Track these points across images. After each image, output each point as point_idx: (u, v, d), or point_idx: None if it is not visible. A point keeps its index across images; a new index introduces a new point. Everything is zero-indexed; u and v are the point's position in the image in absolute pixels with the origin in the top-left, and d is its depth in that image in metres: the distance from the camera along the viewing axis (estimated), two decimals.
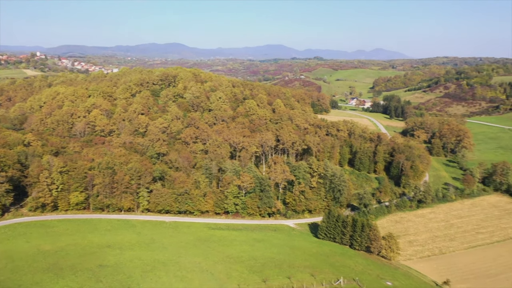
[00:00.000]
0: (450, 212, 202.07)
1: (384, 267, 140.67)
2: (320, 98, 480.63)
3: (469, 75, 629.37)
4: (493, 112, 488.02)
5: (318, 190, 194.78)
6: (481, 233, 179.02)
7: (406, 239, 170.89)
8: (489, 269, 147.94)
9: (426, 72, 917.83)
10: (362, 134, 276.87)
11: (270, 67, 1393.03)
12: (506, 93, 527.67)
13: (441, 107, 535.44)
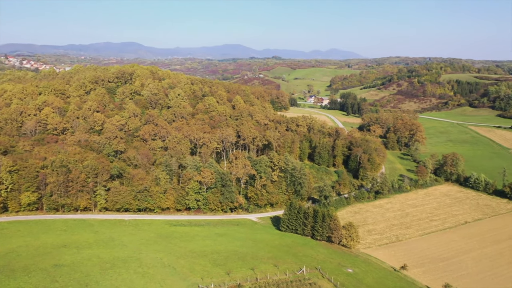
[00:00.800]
0: (405, 202, 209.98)
1: (345, 256, 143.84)
2: (280, 95, 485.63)
3: (420, 73, 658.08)
4: (443, 108, 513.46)
5: (279, 184, 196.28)
6: (435, 220, 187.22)
7: (365, 228, 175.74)
8: (442, 253, 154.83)
9: (380, 71, 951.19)
10: (321, 129, 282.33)
11: (229, 66, 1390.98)
12: (453, 89, 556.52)
13: (395, 104, 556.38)
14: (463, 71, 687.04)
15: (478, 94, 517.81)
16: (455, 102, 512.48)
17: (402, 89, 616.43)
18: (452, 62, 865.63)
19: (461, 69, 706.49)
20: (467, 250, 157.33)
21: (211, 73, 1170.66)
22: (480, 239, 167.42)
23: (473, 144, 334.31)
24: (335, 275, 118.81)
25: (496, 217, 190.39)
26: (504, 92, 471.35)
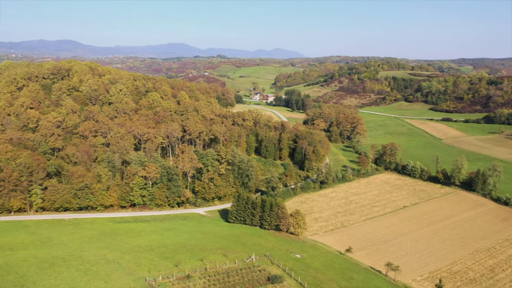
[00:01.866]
0: (349, 190, 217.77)
1: (293, 242, 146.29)
2: (225, 92, 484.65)
3: (359, 70, 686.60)
4: (381, 102, 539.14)
5: (227, 177, 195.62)
6: (376, 206, 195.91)
7: (312, 216, 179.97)
8: (384, 236, 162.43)
9: (322, 69, 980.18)
10: (267, 123, 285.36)
11: (173, 65, 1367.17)
12: (390, 86, 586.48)
13: (337, 100, 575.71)
14: (399, 68, 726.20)
15: (413, 90, 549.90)
16: (392, 97, 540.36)
17: (343, 85, 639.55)
18: (389, 61, 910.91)
19: (396, 66, 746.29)
20: (406, 232, 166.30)
21: (155, 71, 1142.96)
22: (417, 221, 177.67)
23: (409, 136, 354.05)
24: (283, 261, 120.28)
25: (431, 201, 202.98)
26: (435, 87, 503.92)
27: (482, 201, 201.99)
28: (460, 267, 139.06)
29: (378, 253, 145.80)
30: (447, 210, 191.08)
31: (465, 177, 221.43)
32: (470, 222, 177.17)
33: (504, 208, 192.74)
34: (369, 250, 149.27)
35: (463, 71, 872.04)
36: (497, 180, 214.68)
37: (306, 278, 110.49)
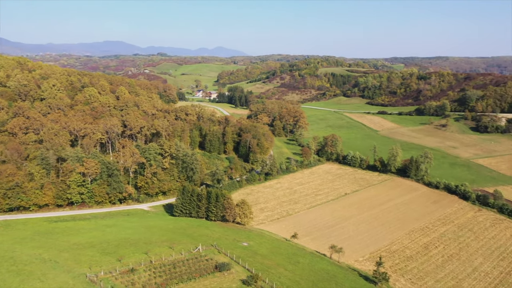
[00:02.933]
0: (293, 181, 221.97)
1: (240, 232, 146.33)
2: (167, 89, 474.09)
3: (300, 67, 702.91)
4: (321, 98, 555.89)
5: (171, 171, 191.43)
6: (319, 194, 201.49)
7: (258, 207, 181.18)
8: (328, 222, 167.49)
9: (264, 66, 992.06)
10: (211, 117, 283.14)
11: (111, 62, 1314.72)
12: (329, 82, 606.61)
13: (279, 96, 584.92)
14: (337, 65, 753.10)
15: (350, 85, 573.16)
16: (332, 93, 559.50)
17: (285, 82, 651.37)
18: (327, 58, 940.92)
19: (335, 64, 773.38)
20: (348, 217, 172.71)
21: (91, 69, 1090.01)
22: (358, 206, 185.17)
23: (348, 128, 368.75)
24: (231, 249, 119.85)
25: (370, 188, 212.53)
26: (371, 82, 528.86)
27: (415, 186, 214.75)
28: (398, 247, 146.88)
29: (323, 238, 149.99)
30: (385, 195, 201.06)
31: (400, 165, 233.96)
32: (406, 205, 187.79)
33: (435, 191, 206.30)
34: (314, 235, 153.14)
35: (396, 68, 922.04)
36: (428, 166, 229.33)
37: (253, 264, 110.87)
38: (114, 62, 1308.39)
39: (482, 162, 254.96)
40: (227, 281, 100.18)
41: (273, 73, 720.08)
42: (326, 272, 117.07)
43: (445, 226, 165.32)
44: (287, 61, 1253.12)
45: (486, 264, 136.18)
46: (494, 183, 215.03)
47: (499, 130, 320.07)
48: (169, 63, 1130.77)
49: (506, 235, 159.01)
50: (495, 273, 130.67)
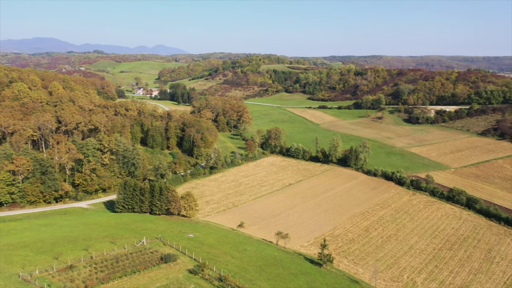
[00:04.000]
0: (238, 174, 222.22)
1: (186, 224, 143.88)
2: (105, 85, 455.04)
3: (242, 64, 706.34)
4: (264, 94, 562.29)
5: (111, 167, 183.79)
6: (264, 186, 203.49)
7: (203, 200, 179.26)
8: (273, 211, 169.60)
9: (207, 64, 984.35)
10: (153, 112, 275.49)
11: (42, 60, 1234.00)
12: (272, 78, 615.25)
13: (222, 92, 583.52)
14: (279, 62, 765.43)
15: (292, 81, 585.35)
16: (274, 89, 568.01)
17: (228, 78, 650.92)
18: (269, 56, 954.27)
19: (276, 61, 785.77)
20: (293, 206, 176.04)
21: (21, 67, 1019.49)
22: (302, 196, 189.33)
23: (291, 123, 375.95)
24: (176, 241, 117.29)
25: (313, 177, 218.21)
26: (311, 78, 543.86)
27: (355, 174, 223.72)
28: (340, 231, 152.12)
29: (269, 227, 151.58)
30: (327, 184, 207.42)
31: (340, 155, 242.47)
32: (347, 193, 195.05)
33: (374, 179, 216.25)
34: (260, 224, 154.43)
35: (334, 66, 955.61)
36: (367, 155, 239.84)
37: (200, 254, 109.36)
38: (46, 60, 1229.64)
39: (414, 150, 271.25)
40: (173, 271, 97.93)
41: (216, 70, 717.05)
42: (273, 257, 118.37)
43: (383, 210, 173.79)
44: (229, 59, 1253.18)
45: (421, 242, 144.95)
46: (425, 169, 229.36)
47: (429, 121, 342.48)
48: (107, 60, 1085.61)
49: (438, 215, 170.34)
50: (429, 250, 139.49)
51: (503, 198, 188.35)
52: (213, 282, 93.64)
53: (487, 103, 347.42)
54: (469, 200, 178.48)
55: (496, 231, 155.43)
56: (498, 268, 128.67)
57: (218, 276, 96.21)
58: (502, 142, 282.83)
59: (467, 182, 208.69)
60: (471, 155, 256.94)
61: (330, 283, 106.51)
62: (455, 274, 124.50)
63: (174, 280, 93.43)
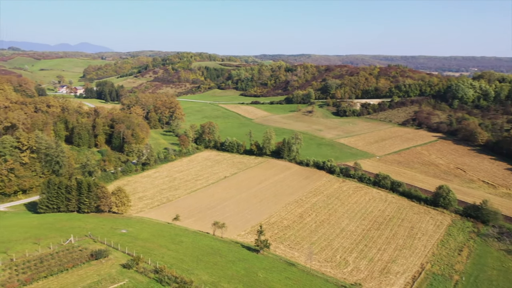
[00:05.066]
0: (172, 169, 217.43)
1: (117, 220, 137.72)
2: (23, 83, 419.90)
3: (173, 61, 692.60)
4: (196, 91, 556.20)
5: (32, 166, 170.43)
6: (200, 180, 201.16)
7: (136, 196, 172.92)
8: (209, 204, 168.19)
9: (136, 61, 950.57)
10: (78, 109, 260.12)
11: None
12: (204, 75, 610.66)
13: (153, 90, 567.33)
14: (210, 60, 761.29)
15: (224, 78, 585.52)
16: (206, 86, 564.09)
17: (158, 76, 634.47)
18: (200, 53, 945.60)
19: (208, 58, 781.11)
20: (228, 198, 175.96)
21: None
22: (237, 187, 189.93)
23: (225, 118, 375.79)
24: (108, 238, 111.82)
25: (248, 170, 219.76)
26: (243, 75, 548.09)
27: (289, 165, 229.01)
28: (276, 219, 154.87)
29: (205, 219, 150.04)
30: (262, 175, 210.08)
31: (274, 147, 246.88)
32: (281, 183, 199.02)
33: (306, 169, 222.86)
34: (196, 217, 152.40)
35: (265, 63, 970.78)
36: (299, 147, 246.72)
37: (134, 248, 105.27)
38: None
39: (343, 141, 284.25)
40: (105, 267, 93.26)
41: (146, 68, 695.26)
42: (210, 247, 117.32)
43: (316, 197, 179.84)
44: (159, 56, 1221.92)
45: (351, 225, 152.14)
46: (354, 158, 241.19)
47: (355, 114, 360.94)
48: (24, 57, 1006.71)
49: (366, 199, 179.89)
50: (358, 231, 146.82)
51: (422, 181, 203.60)
52: (149, 274, 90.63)
53: (406, 96, 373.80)
54: (393, 184, 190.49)
55: (417, 211, 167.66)
56: (420, 243, 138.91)
57: (153, 268, 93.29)
58: (420, 131, 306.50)
59: (390, 168, 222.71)
60: (393, 144, 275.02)
61: (268, 267, 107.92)
62: (382, 251, 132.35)
63: (106, 276, 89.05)
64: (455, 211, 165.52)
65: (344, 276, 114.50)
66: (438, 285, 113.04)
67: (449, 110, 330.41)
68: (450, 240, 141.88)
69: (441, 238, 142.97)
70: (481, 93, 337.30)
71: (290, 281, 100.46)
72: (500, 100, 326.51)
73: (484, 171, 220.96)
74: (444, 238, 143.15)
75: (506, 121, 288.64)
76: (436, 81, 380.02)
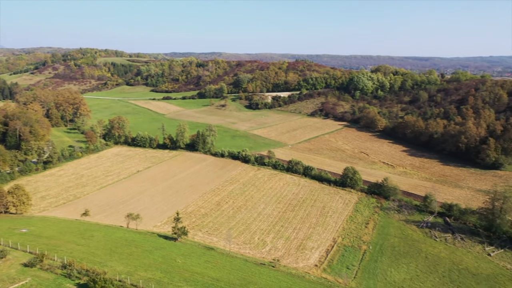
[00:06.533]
0: (79, 167, 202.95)
1: (16, 220, 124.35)
2: None
3: (75, 57, 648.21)
4: (103, 88, 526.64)
5: None
6: (110, 175, 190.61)
7: (38, 196, 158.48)
8: (122, 198, 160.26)
9: (32, 57, 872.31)
10: None
11: None
12: (110, 71, 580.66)
13: (53, 87, 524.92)
14: (117, 56, 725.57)
15: (133, 74, 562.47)
16: (114, 82, 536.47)
17: (59, 72, 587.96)
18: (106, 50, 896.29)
19: (115, 54, 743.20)
20: (143, 191, 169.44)
21: None
22: (152, 180, 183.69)
23: (135, 114, 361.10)
24: (5, 238, 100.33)
25: (162, 163, 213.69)
26: (153, 70, 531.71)
27: (204, 157, 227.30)
28: (193, 208, 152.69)
29: (118, 213, 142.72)
30: (177, 168, 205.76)
31: (188, 140, 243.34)
32: (197, 174, 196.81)
33: (221, 159, 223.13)
34: (108, 212, 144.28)
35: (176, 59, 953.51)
36: (213, 139, 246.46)
37: (37, 246, 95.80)
38: None
39: (256, 132, 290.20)
40: (2, 268, 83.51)
41: (43, 64, 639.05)
42: (124, 239, 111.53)
43: (233, 185, 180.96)
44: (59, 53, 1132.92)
45: (268, 208, 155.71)
46: (267, 147, 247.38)
47: (267, 106, 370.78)
48: None
49: (280, 184, 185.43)
50: (275, 214, 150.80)
51: (330, 165, 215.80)
52: (55, 271, 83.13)
53: (313, 88, 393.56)
54: (305, 169, 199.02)
55: (328, 192, 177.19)
56: (331, 220, 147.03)
57: (61, 264, 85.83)
58: (327, 121, 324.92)
59: (302, 155, 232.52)
60: (303, 133, 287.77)
61: (186, 253, 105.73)
62: (298, 229, 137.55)
63: (5, 277, 79.84)
64: (361, 190, 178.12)
65: (263, 255, 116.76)
66: (349, 255, 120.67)
67: (352, 100, 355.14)
68: (357, 215, 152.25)
69: (349, 214, 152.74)
70: (378, 85, 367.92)
71: (209, 264, 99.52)
72: (395, 90, 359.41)
73: (384, 154, 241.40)
74: (352, 214, 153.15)
75: (400, 109, 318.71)
76: (339, 74, 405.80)
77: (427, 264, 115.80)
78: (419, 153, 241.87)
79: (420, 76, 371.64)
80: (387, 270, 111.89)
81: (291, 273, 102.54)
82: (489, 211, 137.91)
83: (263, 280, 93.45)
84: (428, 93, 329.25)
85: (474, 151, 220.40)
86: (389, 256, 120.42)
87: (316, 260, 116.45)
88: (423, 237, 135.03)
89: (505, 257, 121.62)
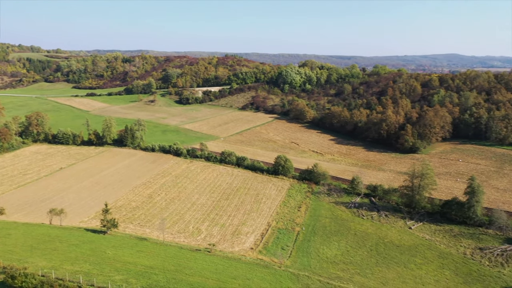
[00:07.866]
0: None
1: None
2: None
3: None
4: (18, 85, 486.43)
5: None
6: (29, 174, 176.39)
7: None
8: (42, 195, 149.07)
9: None
10: None
11: None
12: (26, 67, 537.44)
13: None
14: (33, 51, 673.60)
15: (52, 70, 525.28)
16: (30, 79, 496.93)
17: None
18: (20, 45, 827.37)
19: (30, 49, 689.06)
20: (67, 188, 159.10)
21: None
22: (77, 177, 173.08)
23: (56, 111, 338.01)
24: None
25: (88, 159, 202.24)
26: (75, 66, 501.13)
27: (133, 152, 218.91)
28: (123, 202, 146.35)
29: (39, 211, 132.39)
30: (104, 163, 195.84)
31: (116, 136, 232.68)
32: (126, 168, 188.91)
33: (152, 154, 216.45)
34: (27, 210, 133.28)
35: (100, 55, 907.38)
36: (143, 134, 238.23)
37: None
38: None
39: (188, 126, 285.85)
40: None
41: None
42: (47, 235, 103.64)
43: (165, 178, 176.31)
44: None
45: (202, 198, 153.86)
46: (199, 140, 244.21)
47: (198, 101, 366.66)
48: None
49: (214, 175, 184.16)
50: (209, 203, 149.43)
51: (263, 155, 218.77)
52: None
53: (243, 83, 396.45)
54: (238, 160, 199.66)
55: (261, 180, 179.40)
56: (265, 206, 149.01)
57: None
58: (258, 114, 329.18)
59: (235, 147, 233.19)
60: (235, 126, 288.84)
61: (117, 245, 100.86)
62: (233, 217, 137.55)
63: None
64: (293, 177, 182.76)
65: (198, 242, 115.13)
66: (283, 237, 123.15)
67: (281, 94, 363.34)
68: (290, 200, 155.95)
69: (283, 199, 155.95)
70: (306, 79, 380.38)
71: (142, 253, 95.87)
72: (321, 84, 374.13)
73: (313, 143, 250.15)
74: (285, 199, 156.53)
75: (327, 101, 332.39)
76: (268, 69, 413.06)
77: (356, 240, 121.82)
78: (345, 141, 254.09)
79: (344, 70, 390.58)
80: (320, 248, 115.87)
81: (227, 256, 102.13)
82: (409, 189, 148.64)
83: (198, 264, 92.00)
84: (352, 86, 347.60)
85: (394, 137, 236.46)
86: (321, 235, 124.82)
87: (252, 244, 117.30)
88: (351, 216, 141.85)
89: (424, 229, 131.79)
